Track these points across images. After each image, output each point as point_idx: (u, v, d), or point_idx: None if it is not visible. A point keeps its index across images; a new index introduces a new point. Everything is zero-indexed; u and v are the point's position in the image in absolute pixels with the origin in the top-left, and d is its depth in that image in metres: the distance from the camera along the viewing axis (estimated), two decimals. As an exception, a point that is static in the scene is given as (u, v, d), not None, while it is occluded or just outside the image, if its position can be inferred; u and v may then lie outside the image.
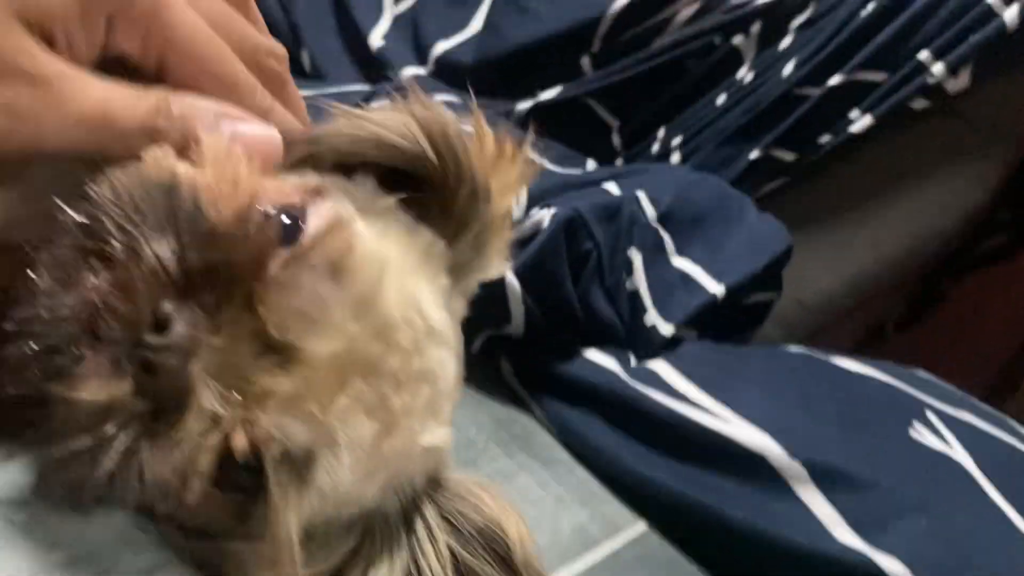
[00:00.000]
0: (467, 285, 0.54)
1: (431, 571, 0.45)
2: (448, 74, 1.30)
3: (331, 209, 0.43)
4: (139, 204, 0.37)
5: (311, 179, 0.46)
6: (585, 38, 1.29)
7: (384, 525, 0.45)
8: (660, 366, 0.83)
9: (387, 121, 0.47)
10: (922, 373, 1.01)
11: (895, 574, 0.69)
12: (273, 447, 0.37)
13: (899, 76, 1.12)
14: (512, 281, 0.79)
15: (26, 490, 0.40)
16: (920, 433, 0.82)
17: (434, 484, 0.47)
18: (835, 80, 1.15)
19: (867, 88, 1.14)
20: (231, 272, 0.37)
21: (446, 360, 0.47)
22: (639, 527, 0.76)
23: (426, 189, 0.49)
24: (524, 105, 1.28)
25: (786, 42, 1.21)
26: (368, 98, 1.15)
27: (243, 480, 0.38)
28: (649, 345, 0.87)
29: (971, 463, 0.81)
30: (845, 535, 0.73)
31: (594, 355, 0.84)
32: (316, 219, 0.42)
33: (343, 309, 0.40)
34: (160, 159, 0.39)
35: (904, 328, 1.70)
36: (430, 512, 0.46)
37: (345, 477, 0.40)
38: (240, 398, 0.36)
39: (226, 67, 0.42)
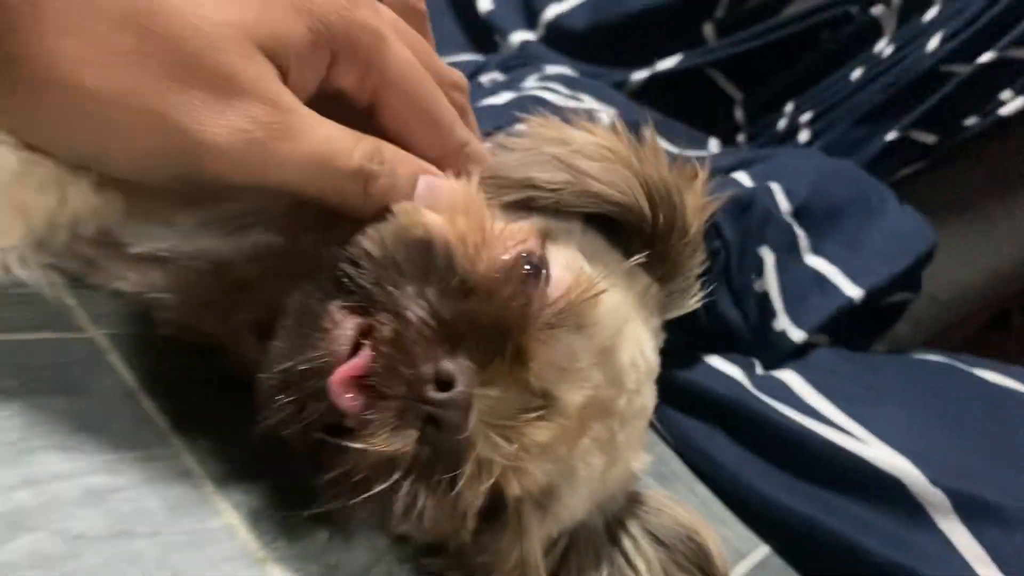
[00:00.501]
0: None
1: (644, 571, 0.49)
2: (559, 40, 1.24)
3: (573, 259, 0.45)
4: (400, 261, 0.38)
5: (536, 222, 0.46)
6: (708, 3, 1.21)
7: (588, 538, 0.49)
8: (789, 376, 0.77)
9: (610, 178, 0.47)
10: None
11: (1046, 622, 0.64)
12: (533, 489, 0.41)
13: (1059, 54, 1.02)
14: (633, 282, 0.74)
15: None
16: (1073, 463, 0.75)
17: (634, 499, 0.51)
18: (986, 57, 1.05)
19: (1021, 66, 1.04)
20: (501, 327, 0.38)
21: (653, 393, 0.50)
22: (763, 551, 0.72)
23: (632, 231, 0.50)
24: (640, 75, 1.21)
25: (931, 13, 1.11)
26: (478, 70, 1.10)
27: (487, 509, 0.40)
28: (777, 352, 0.82)
29: None
30: (991, 574, 0.67)
31: (717, 362, 0.79)
32: (559, 269, 0.43)
33: (589, 359, 0.42)
34: (411, 212, 0.40)
35: (1032, 313, 1.59)
36: (634, 526, 0.50)
37: (578, 507, 0.45)
38: (512, 447, 0.38)
39: (433, 104, 0.43)
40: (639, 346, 0.47)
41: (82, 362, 0.43)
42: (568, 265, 0.44)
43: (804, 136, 1.15)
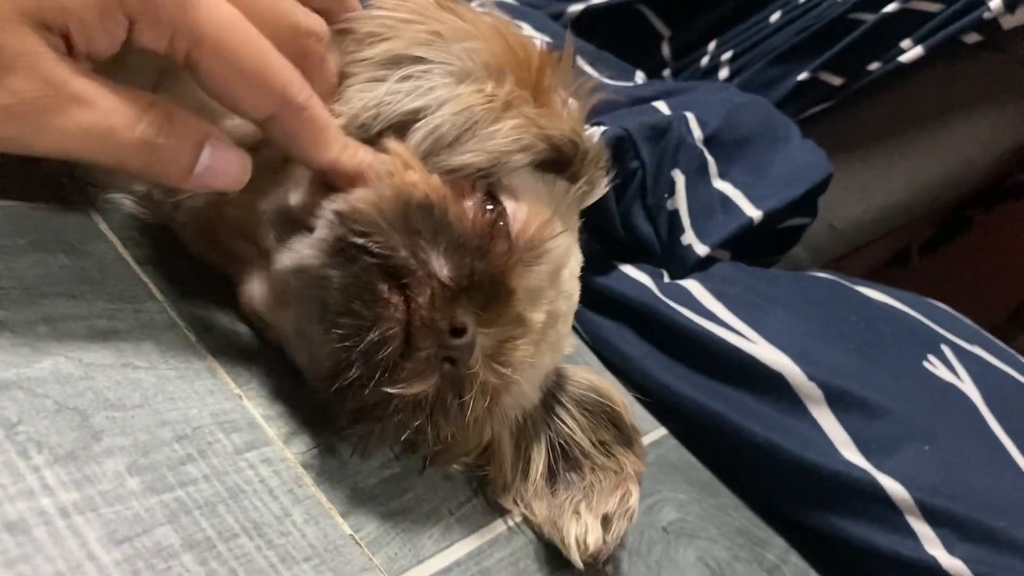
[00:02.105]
0: None
1: (572, 439, 0.59)
2: (500, -30, 1.29)
3: (519, 192, 0.51)
4: (413, 224, 0.43)
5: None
6: (641, -58, 1.28)
7: (531, 413, 0.58)
8: (692, 285, 0.87)
9: (559, 128, 0.52)
10: (941, 305, 1.05)
11: (894, 494, 0.75)
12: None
13: (955, 7, 1.12)
14: (559, 194, 0.82)
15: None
16: (934, 365, 0.87)
17: (560, 373, 0.60)
18: (891, 7, 1.14)
19: (922, 17, 1.14)
20: (495, 278, 0.46)
21: (579, 289, 0.59)
22: (660, 432, 0.82)
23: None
24: (576, 7, 1.28)
25: (847, -37, 1.20)
26: None
27: None
28: (683, 264, 0.91)
29: (979, 397, 0.85)
30: (852, 455, 0.78)
31: (629, 270, 0.88)
32: (512, 205, 0.50)
33: (547, 281, 0.51)
34: (397, 174, 0.45)
35: (928, 252, 1.73)
36: (563, 396, 0.60)
37: (531, 392, 0.55)
38: (505, 370, 0.47)
39: (255, 64, 0.41)
40: (575, 257, 0.56)
41: (79, 230, 0.50)
42: (515, 197, 0.51)
43: (724, 73, 1.24)
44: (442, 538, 0.50)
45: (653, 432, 0.81)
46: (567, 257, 0.54)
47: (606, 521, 0.55)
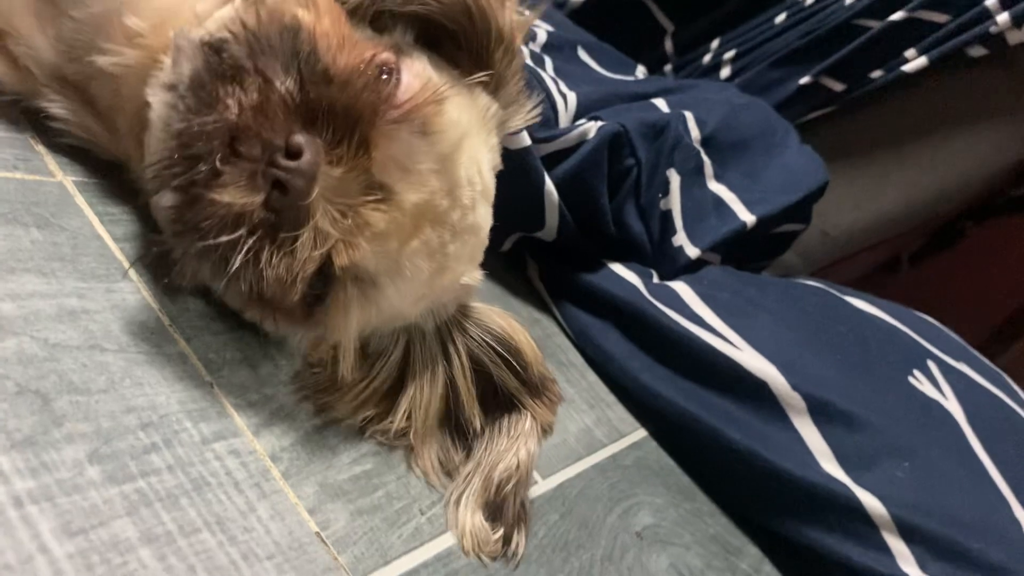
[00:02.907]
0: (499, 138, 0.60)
1: (463, 376, 0.56)
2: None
3: (423, 69, 0.49)
4: (272, 41, 0.42)
5: (391, 37, 0.51)
6: (652, -66, 1.26)
7: (422, 340, 0.56)
8: (681, 287, 0.86)
9: None
10: (929, 319, 1.05)
11: (871, 509, 0.74)
12: (359, 269, 0.45)
13: (962, 20, 1.11)
14: (551, 189, 0.81)
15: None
16: (919, 381, 0.86)
17: (463, 309, 0.58)
18: (897, 16, 1.13)
19: (928, 28, 1.13)
20: (350, 115, 0.42)
21: (488, 215, 0.55)
22: (640, 434, 0.81)
23: (456, 47, 0.54)
24: (579, -2, 1.26)
25: (855, -31, 1.18)
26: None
27: (318, 287, 0.45)
28: (673, 265, 0.90)
29: (962, 415, 0.85)
30: (831, 467, 0.78)
31: (618, 268, 0.87)
32: (409, 76, 0.48)
33: (429, 164, 0.46)
34: (284, 2, 0.44)
35: (919, 260, 1.72)
36: (461, 331, 0.57)
37: (404, 306, 0.51)
38: (347, 223, 0.43)
39: None
40: (477, 164, 0.52)
41: (54, 203, 0.48)
42: (418, 74, 0.49)
43: (725, 72, 1.23)
44: (411, 538, 0.49)
45: (633, 433, 0.80)
46: (464, 144, 0.50)
47: (492, 510, 0.53)
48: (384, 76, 0.47)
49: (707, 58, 1.26)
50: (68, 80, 0.49)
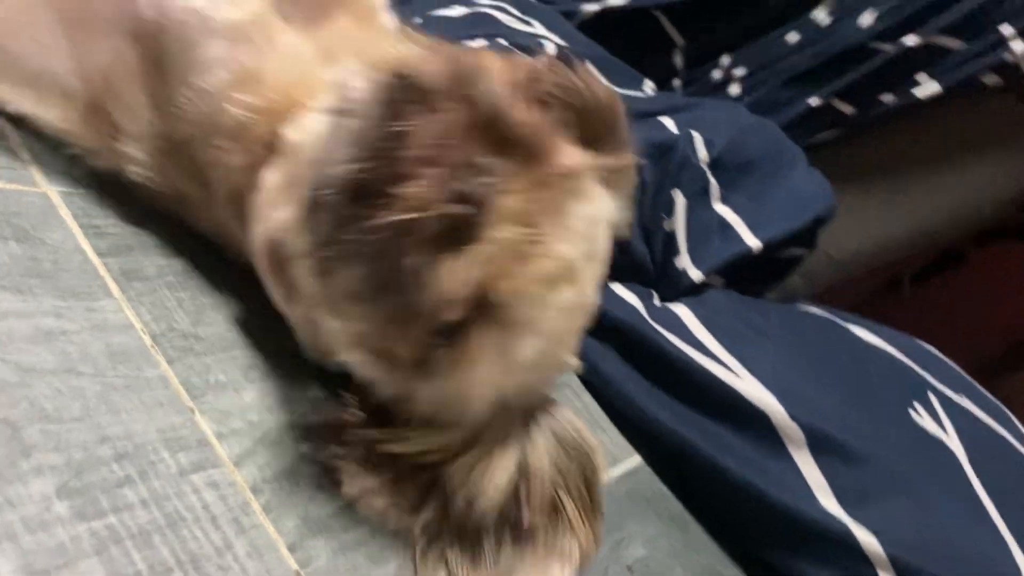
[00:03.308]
0: None
1: (537, 466, 0.52)
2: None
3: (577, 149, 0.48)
4: (456, 76, 0.42)
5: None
6: (665, -53, 1.24)
7: (505, 416, 0.51)
8: (682, 311, 0.84)
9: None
10: (931, 349, 1.03)
11: (867, 547, 0.73)
12: (507, 311, 0.44)
13: (977, 47, 1.09)
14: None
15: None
16: (920, 415, 0.85)
17: (548, 402, 0.54)
18: (911, 40, 1.11)
19: (941, 53, 1.11)
20: (533, 150, 0.43)
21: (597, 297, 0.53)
22: (634, 460, 0.80)
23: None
24: (590, 8, 1.25)
25: (870, -9, 1.17)
26: None
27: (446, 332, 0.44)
28: (675, 287, 0.88)
29: (962, 452, 0.83)
30: (829, 502, 0.76)
31: (619, 289, 0.86)
32: (568, 151, 0.46)
33: (582, 225, 0.46)
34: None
35: (921, 282, 1.71)
36: (544, 421, 0.53)
37: (525, 363, 0.46)
38: (513, 252, 0.42)
39: None
40: (604, 243, 0.51)
41: (36, 214, 0.46)
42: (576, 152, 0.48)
43: (735, 90, 1.21)
44: (394, 576, 0.48)
45: (628, 460, 0.79)
46: (604, 218, 0.50)
47: None
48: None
49: (717, 74, 1.24)
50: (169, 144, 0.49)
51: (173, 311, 0.49)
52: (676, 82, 1.27)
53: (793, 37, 1.19)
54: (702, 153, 0.90)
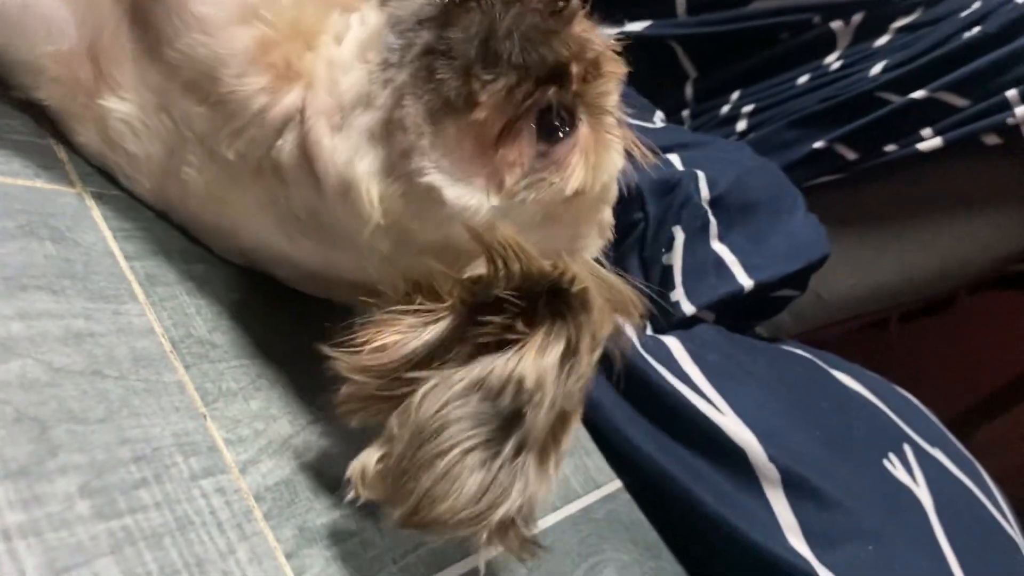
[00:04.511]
0: None
1: None
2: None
3: None
4: None
5: None
6: (685, -21, 1.26)
7: None
8: (673, 343, 0.87)
9: None
10: (911, 399, 1.06)
11: (830, 588, 0.76)
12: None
13: (980, 106, 1.12)
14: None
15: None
16: (893, 465, 0.88)
17: None
18: (918, 94, 1.14)
19: (946, 110, 1.14)
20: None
21: None
22: (614, 485, 0.82)
23: None
24: (608, 29, 1.27)
25: (882, 40, 1.20)
26: None
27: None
28: (668, 319, 0.91)
29: (931, 504, 0.86)
30: (797, 542, 0.79)
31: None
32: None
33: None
34: None
35: (908, 322, 1.73)
36: None
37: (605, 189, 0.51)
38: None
39: None
40: None
41: (70, 215, 0.49)
42: None
43: (741, 125, 1.24)
44: (382, 588, 0.50)
45: (608, 484, 0.81)
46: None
47: None
48: None
49: (725, 109, 1.27)
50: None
51: (192, 317, 0.51)
52: (685, 112, 1.30)
53: (803, 80, 1.22)
54: (705, 192, 0.93)
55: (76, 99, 0.50)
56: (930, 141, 1.15)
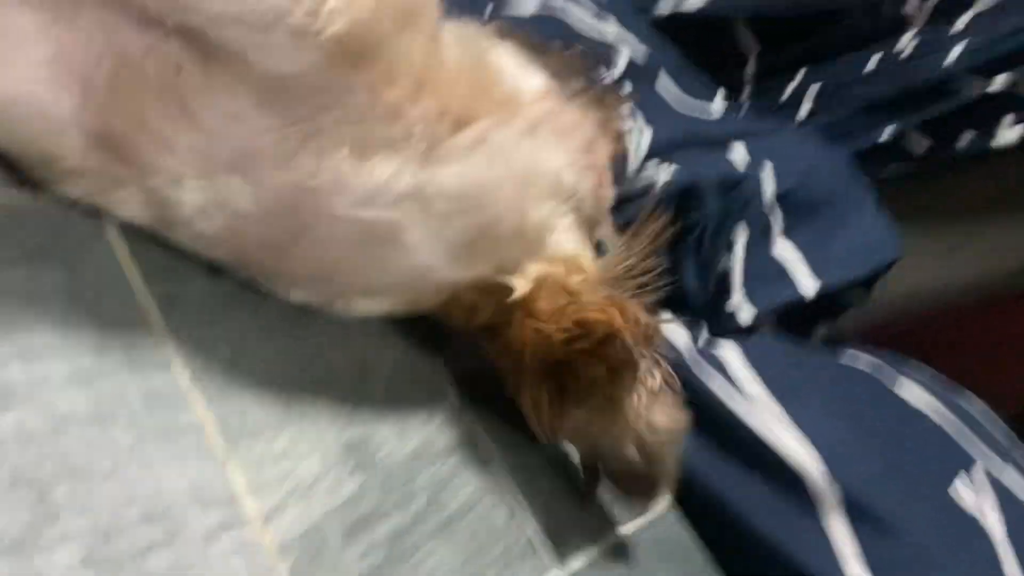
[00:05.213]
0: None
1: None
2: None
3: None
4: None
5: None
6: (749, -47, 1.19)
7: None
8: (731, 354, 0.81)
9: None
10: (980, 405, 0.99)
11: (888, 619, 0.71)
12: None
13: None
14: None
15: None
16: (959, 491, 0.82)
17: None
18: (1000, 79, 1.06)
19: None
20: None
21: None
22: (660, 507, 0.78)
23: None
24: (665, 7, 1.19)
25: (961, 24, 1.11)
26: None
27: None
28: (725, 326, 0.85)
29: (1000, 532, 0.80)
30: (856, 570, 0.74)
31: (667, 328, 0.83)
32: None
33: None
34: None
35: (973, 316, 1.66)
36: None
37: None
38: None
39: None
40: None
41: (83, 239, 0.44)
42: None
43: (806, 107, 1.16)
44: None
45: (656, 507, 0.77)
46: None
47: None
48: None
49: (790, 88, 1.18)
50: None
51: (216, 341, 0.47)
52: (745, 92, 1.22)
53: (872, 62, 1.14)
54: (771, 185, 0.87)
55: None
56: (1011, 130, 1.06)
